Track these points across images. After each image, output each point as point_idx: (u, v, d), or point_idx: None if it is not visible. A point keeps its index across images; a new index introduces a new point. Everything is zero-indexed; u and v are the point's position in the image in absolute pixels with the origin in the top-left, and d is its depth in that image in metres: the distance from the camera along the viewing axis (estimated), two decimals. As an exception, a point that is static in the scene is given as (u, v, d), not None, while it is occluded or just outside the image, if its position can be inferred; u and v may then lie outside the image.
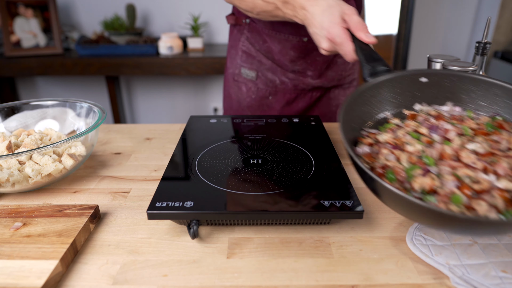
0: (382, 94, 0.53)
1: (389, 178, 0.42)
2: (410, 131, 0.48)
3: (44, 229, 0.45)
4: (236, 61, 0.92)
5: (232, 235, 0.47)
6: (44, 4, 1.92)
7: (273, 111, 0.93)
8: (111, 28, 2.00)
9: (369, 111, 0.53)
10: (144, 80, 2.34)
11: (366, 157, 0.47)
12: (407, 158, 0.44)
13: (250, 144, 0.64)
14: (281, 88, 0.90)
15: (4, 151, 0.57)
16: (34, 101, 0.72)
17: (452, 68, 0.61)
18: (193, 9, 2.14)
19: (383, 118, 0.54)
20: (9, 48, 1.87)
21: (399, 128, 0.50)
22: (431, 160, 0.43)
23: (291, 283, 0.40)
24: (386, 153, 0.46)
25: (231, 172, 0.54)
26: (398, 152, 0.46)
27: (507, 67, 1.77)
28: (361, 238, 0.47)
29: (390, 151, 0.46)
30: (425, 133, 0.47)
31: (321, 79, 0.90)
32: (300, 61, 0.87)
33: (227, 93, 0.97)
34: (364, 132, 0.52)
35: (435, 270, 0.41)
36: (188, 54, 1.93)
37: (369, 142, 0.49)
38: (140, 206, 0.54)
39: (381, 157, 0.46)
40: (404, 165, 0.44)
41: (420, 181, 0.40)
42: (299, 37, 0.83)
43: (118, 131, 0.83)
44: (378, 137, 0.49)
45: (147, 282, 0.40)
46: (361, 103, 0.52)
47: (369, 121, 0.53)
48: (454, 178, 0.40)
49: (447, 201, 0.38)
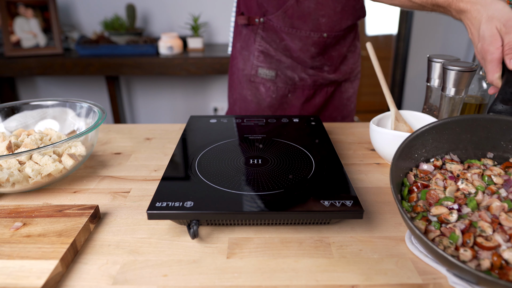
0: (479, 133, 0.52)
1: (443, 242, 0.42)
2: (485, 174, 0.48)
3: (44, 229, 0.45)
4: (252, 62, 0.91)
5: (232, 235, 0.47)
6: (44, 4, 1.92)
7: (293, 108, 0.94)
8: (111, 28, 2.00)
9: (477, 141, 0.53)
10: (144, 80, 2.34)
11: (421, 172, 0.50)
12: (453, 190, 0.47)
13: (250, 144, 0.64)
14: (300, 85, 0.91)
15: (4, 151, 0.57)
16: (34, 101, 0.72)
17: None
18: (193, 9, 2.14)
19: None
20: (9, 48, 1.87)
21: (479, 168, 0.50)
22: (474, 204, 0.43)
23: (291, 283, 0.40)
24: (437, 178, 0.49)
25: (231, 172, 0.54)
26: (451, 182, 0.47)
27: (507, 67, 1.77)
28: (361, 238, 0.47)
29: (443, 178, 0.49)
30: (497, 183, 0.47)
31: (336, 74, 0.93)
32: (319, 57, 0.89)
33: (241, 96, 0.96)
34: (448, 156, 0.53)
35: (435, 270, 0.41)
36: (188, 54, 1.93)
37: (436, 164, 0.51)
38: (140, 206, 0.54)
39: (433, 179, 0.49)
40: (445, 194, 0.46)
41: (440, 211, 0.44)
42: (320, 33, 0.84)
43: (118, 131, 0.83)
44: (449, 165, 0.51)
45: (147, 282, 0.40)
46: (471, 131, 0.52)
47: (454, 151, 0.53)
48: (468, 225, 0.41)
49: None
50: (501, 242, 0.39)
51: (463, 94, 0.63)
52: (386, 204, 0.54)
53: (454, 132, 0.52)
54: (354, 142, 0.76)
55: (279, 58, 0.89)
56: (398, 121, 0.69)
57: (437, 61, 0.68)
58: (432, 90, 0.72)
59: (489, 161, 0.51)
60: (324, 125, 0.86)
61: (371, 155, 0.70)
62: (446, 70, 0.62)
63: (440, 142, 0.52)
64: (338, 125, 0.86)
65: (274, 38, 0.87)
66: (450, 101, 0.65)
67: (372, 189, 0.58)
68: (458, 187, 0.47)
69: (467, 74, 0.61)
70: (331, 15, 0.82)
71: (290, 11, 0.82)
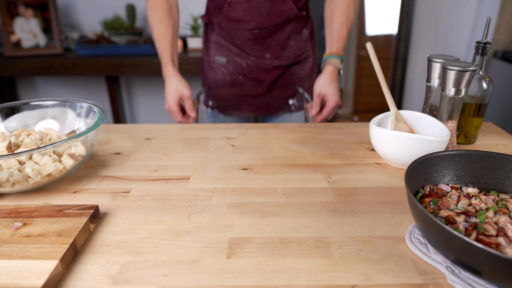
0: None
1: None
2: (499, 200, 0.48)
3: (44, 229, 0.45)
4: (211, 51, 1.13)
5: (232, 235, 0.47)
6: (44, 4, 1.92)
7: (245, 88, 1.14)
8: (111, 28, 2.00)
9: None
10: (144, 80, 2.34)
11: (438, 190, 0.51)
12: (465, 203, 0.47)
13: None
14: (247, 70, 1.10)
15: (4, 151, 0.57)
16: (34, 101, 0.72)
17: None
18: (193, 9, 2.14)
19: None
20: (9, 48, 1.87)
21: (496, 197, 0.50)
22: (483, 217, 0.43)
23: (291, 283, 0.40)
24: (452, 193, 0.50)
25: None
26: (464, 199, 0.48)
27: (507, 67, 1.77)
28: (361, 238, 0.47)
29: (457, 194, 0.49)
30: (511, 210, 0.47)
31: (279, 60, 1.09)
32: (258, 47, 1.06)
33: (205, 77, 1.19)
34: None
35: (435, 270, 0.41)
36: (188, 54, 1.92)
37: (454, 186, 0.52)
38: (140, 206, 0.54)
39: (448, 195, 0.50)
40: (458, 205, 0.47)
41: (448, 213, 0.45)
42: (251, 31, 1.02)
43: (118, 131, 0.83)
44: (466, 188, 0.51)
45: (147, 282, 0.40)
46: None
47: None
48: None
49: None
50: (503, 243, 0.39)
51: (463, 94, 0.63)
52: (386, 204, 0.54)
53: (476, 166, 0.53)
54: (354, 142, 0.76)
55: (228, 47, 1.09)
56: (398, 121, 0.69)
57: (437, 61, 0.68)
58: (432, 90, 0.72)
59: (507, 196, 0.51)
60: (325, 125, 0.86)
61: (371, 155, 0.70)
62: (446, 70, 0.62)
63: (462, 171, 0.53)
64: (338, 125, 0.86)
65: (225, 34, 1.07)
66: (450, 101, 0.65)
67: (372, 189, 0.58)
68: (470, 202, 0.48)
69: (467, 74, 0.61)
70: (257, 19, 1.00)
71: (226, 17, 1.02)
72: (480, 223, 0.43)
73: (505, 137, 0.79)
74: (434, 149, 0.60)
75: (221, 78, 1.14)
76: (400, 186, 0.59)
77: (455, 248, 0.37)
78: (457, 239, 0.36)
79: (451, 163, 0.53)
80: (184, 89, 0.95)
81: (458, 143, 0.76)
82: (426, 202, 0.48)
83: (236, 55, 1.09)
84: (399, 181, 0.61)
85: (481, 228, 0.41)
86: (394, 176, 0.63)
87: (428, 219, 0.39)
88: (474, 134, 0.75)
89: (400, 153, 0.62)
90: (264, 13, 0.99)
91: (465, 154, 0.52)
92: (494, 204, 0.47)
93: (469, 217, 0.44)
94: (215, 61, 1.13)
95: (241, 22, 1.01)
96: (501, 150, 0.73)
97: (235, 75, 1.12)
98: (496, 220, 0.43)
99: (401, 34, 2.43)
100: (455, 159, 0.52)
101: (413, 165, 0.48)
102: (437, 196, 0.49)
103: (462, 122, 0.74)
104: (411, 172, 0.47)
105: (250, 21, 1.00)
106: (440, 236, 0.38)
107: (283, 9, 1.01)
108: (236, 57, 1.09)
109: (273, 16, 1.00)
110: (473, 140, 0.76)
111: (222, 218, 0.51)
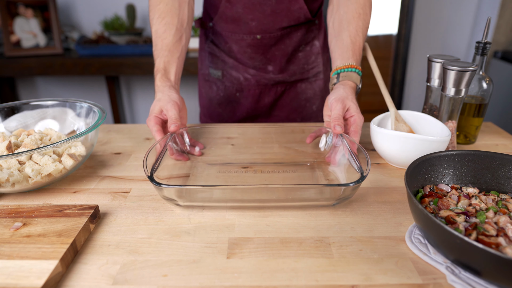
0: None
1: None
2: (499, 200, 0.48)
3: (44, 229, 0.45)
4: (205, 62, 0.97)
5: (232, 235, 0.47)
6: (44, 4, 1.92)
7: (243, 107, 0.97)
8: (111, 28, 2.00)
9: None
10: (144, 80, 2.34)
11: (438, 190, 0.51)
12: (465, 203, 0.47)
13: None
14: (245, 85, 0.94)
15: (4, 151, 0.57)
16: (34, 101, 0.72)
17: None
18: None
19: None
20: (9, 48, 1.87)
21: (496, 197, 0.50)
22: (483, 218, 0.44)
23: (291, 283, 0.40)
24: (453, 194, 0.50)
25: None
26: (464, 199, 0.48)
27: (507, 67, 1.77)
28: (361, 238, 0.47)
29: (457, 194, 0.49)
30: (511, 211, 0.47)
31: (283, 74, 0.93)
32: (260, 57, 0.90)
33: (200, 92, 1.04)
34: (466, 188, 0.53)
35: (435, 270, 0.41)
36: (188, 54, 1.92)
37: (454, 186, 0.52)
38: (140, 206, 0.54)
39: (448, 195, 0.50)
40: (458, 205, 0.47)
41: (448, 213, 0.45)
42: (252, 35, 0.86)
43: (118, 131, 0.83)
44: (466, 188, 0.51)
45: (147, 282, 0.40)
46: None
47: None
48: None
49: None
50: (503, 243, 0.39)
51: (463, 94, 0.63)
52: (386, 204, 0.54)
53: (476, 166, 0.53)
54: (354, 142, 0.76)
55: (223, 59, 0.93)
56: (398, 121, 0.69)
57: (437, 61, 0.68)
58: (432, 90, 0.72)
59: (507, 196, 0.51)
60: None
61: (371, 155, 0.70)
62: (446, 70, 0.62)
63: (462, 171, 0.53)
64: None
65: (220, 40, 0.92)
66: (450, 101, 0.65)
67: (372, 189, 0.58)
68: (470, 202, 0.48)
69: (467, 74, 0.61)
70: (260, 18, 0.83)
71: (224, 16, 0.85)
72: (480, 223, 0.43)
73: (505, 137, 0.79)
74: (435, 149, 0.60)
75: (216, 96, 0.98)
76: (400, 186, 0.59)
77: (455, 248, 0.37)
78: (457, 239, 0.36)
79: (451, 163, 0.53)
80: (168, 102, 0.66)
81: (458, 143, 0.76)
82: (426, 202, 0.48)
83: (232, 68, 0.93)
84: (399, 181, 0.61)
85: (481, 228, 0.41)
86: (394, 176, 0.63)
87: (428, 219, 0.39)
88: (474, 134, 0.75)
89: (401, 153, 0.62)
90: (268, 11, 0.82)
91: (465, 154, 0.52)
92: (494, 204, 0.47)
93: (469, 217, 0.44)
94: (210, 74, 0.97)
95: (240, 23, 0.85)
96: (501, 150, 0.73)
97: (231, 91, 0.95)
98: (496, 220, 0.43)
99: (401, 34, 2.43)
100: (455, 159, 0.52)
101: (413, 165, 0.48)
102: (437, 196, 0.49)
103: (462, 122, 0.74)
104: (411, 172, 0.47)
105: (251, 20, 0.83)
106: (440, 236, 0.38)
107: (291, 8, 0.83)
108: (232, 70, 0.93)
109: (279, 16, 0.83)
110: (473, 140, 0.76)
111: (222, 218, 0.51)
